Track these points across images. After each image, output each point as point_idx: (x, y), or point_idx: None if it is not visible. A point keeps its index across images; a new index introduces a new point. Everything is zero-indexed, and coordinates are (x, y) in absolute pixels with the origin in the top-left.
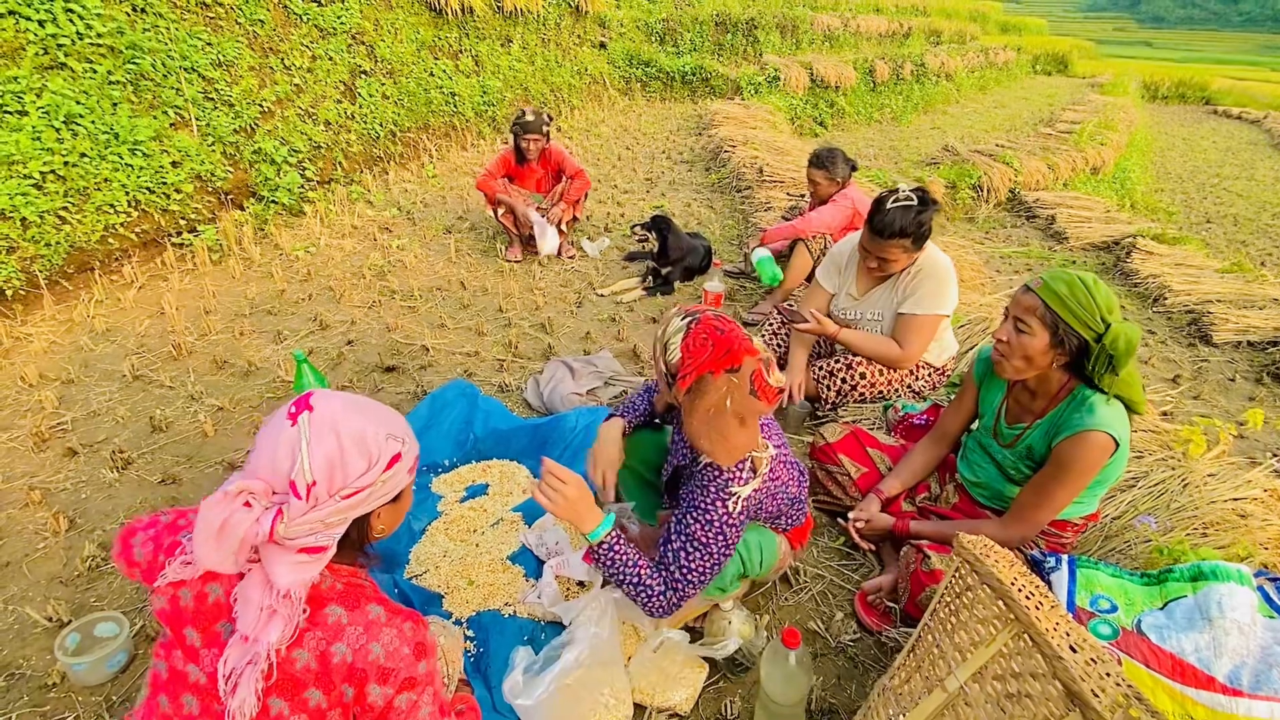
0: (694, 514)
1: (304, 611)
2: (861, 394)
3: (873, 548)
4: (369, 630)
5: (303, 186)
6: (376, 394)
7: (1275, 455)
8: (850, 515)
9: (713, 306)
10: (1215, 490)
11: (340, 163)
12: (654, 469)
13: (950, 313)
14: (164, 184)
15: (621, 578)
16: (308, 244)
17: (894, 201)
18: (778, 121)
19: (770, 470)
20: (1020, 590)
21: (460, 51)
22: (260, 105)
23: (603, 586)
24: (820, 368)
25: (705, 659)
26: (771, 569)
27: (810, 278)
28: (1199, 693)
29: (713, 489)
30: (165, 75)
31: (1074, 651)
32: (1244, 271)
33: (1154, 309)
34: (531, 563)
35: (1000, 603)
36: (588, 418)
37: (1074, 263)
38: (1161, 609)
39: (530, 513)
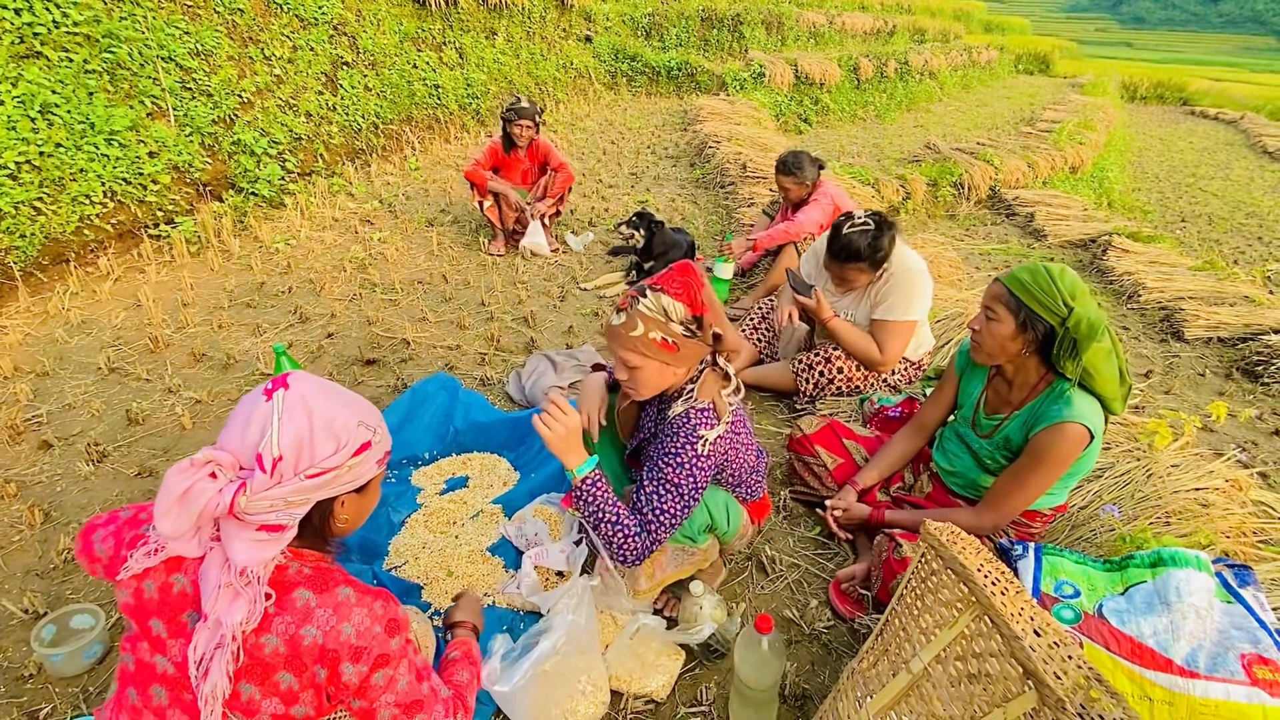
0: (665, 458)
1: (269, 596)
2: (839, 387)
3: (849, 537)
4: (338, 611)
5: (283, 178)
6: (357, 387)
7: (1240, 448)
8: (828, 504)
9: None
10: (1179, 481)
11: (321, 154)
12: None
13: (922, 317)
14: (141, 175)
15: (600, 516)
16: (288, 236)
17: (850, 227)
18: (762, 118)
19: (732, 423)
20: (986, 576)
21: (444, 44)
22: (239, 96)
23: (580, 575)
24: (799, 360)
25: (681, 646)
26: (736, 534)
27: None
28: (1157, 675)
29: (682, 435)
30: (142, 64)
31: (1037, 635)
32: (1216, 269)
33: (1128, 306)
34: (511, 554)
35: (962, 586)
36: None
37: (1051, 259)
38: (1122, 594)
39: (510, 505)
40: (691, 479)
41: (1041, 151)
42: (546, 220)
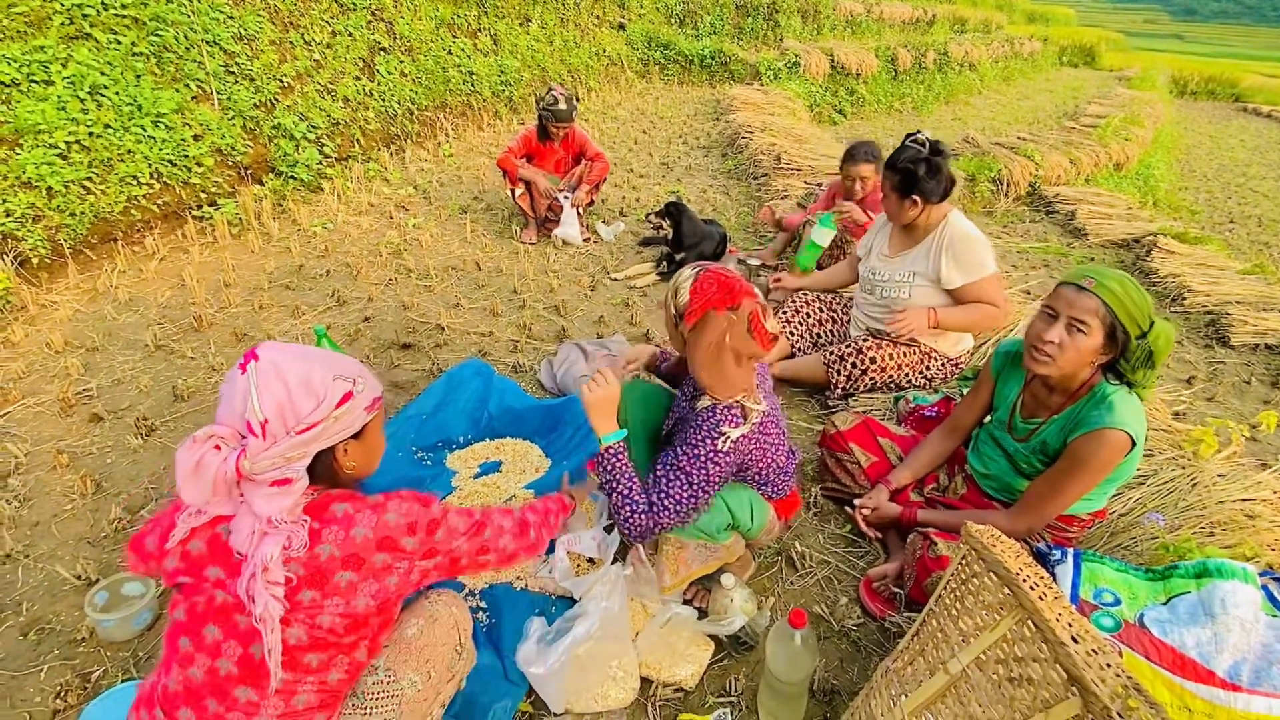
0: (684, 446)
1: (306, 522)
2: (872, 379)
3: (878, 535)
4: (376, 510)
5: (321, 163)
6: (393, 370)
7: None
8: (857, 502)
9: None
10: (1224, 490)
11: (358, 140)
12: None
13: (996, 269)
14: (185, 157)
15: (615, 485)
16: (325, 220)
17: (913, 139)
18: (796, 108)
19: (761, 425)
20: (1025, 580)
21: (479, 30)
22: (280, 80)
23: (613, 563)
24: (830, 353)
25: (711, 637)
26: (762, 530)
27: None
28: (1198, 686)
29: (705, 427)
30: (187, 48)
31: (1075, 642)
32: (1265, 273)
33: (1172, 309)
34: None
35: (1005, 590)
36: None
37: (1092, 259)
38: (1165, 604)
39: (541, 491)
40: (704, 472)
41: (1085, 147)
42: (581, 210)
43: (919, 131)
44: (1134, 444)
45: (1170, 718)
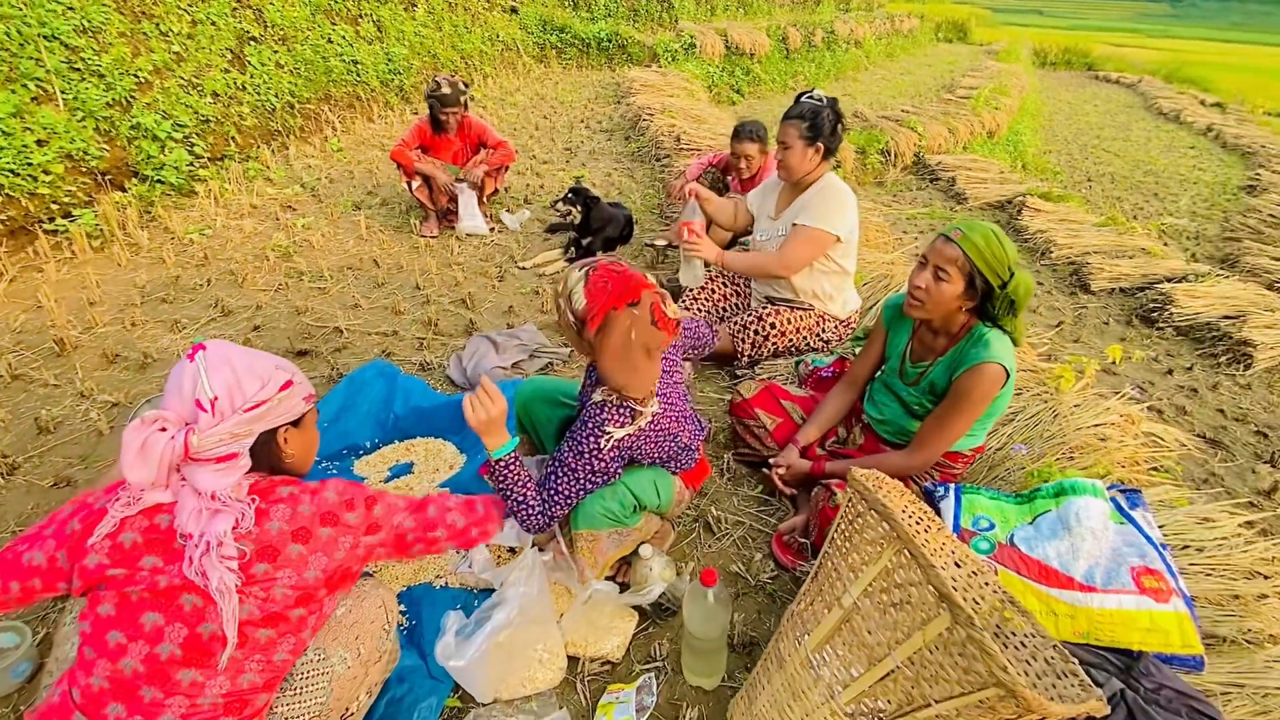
0: (570, 443)
1: (254, 501)
2: (774, 344)
3: (794, 492)
4: (316, 491)
5: (192, 164)
6: None
7: (1138, 387)
8: (771, 462)
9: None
10: (1080, 418)
11: (233, 137)
12: None
13: (840, 234)
14: (29, 165)
15: (509, 492)
16: (202, 226)
17: (808, 95)
18: (695, 89)
19: (653, 424)
20: (910, 516)
21: (360, 16)
22: (135, 76)
23: (532, 548)
24: (734, 322)
25: (634, 608)
26: (671, 504)
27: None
28: (1060, 592)
29: (591, 424)
30: (22, 44)
31: (958, 566)
32: (1118, 224)
33: (1041, 262)
34: None
35: (884, 525)
36: (512, 390)
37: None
38: (1031, 523)
39: (457, 488)
40: (589, 467)
41: (961, 117)
42: (484, 198)
43: (813, 90)
44: (1008, 374)
45: (1039, 623)
